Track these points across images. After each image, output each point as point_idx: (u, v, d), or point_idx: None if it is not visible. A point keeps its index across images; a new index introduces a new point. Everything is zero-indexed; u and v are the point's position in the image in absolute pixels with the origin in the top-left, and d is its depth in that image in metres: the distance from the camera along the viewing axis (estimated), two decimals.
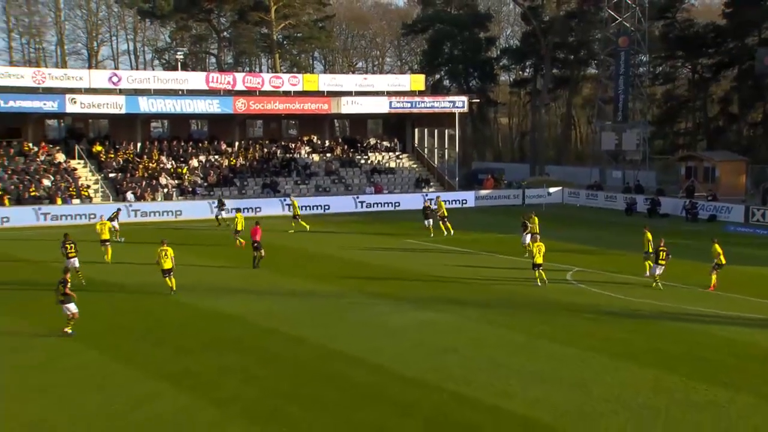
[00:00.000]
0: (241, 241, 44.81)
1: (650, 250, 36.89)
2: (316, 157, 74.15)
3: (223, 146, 72.05)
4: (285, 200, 61.86)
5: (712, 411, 20.56)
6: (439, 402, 21.28)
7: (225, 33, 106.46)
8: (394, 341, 27.23)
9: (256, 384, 22.84)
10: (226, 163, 69.97)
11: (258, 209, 62.76)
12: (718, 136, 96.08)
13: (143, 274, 38.10)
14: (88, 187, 62.82)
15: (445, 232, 49.64)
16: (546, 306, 32.23)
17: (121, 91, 65.90)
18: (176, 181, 65.96)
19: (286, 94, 71.51)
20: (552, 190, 74.03)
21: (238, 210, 49.37)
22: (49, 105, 62.96)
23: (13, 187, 59.85)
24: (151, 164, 66.94)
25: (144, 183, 64.41)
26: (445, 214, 50.92)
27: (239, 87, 69.97)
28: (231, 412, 20.55)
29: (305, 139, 76.48)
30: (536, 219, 44.80)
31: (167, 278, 34.09)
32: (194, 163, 68.87)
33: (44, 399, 21.43)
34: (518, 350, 26.11)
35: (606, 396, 21.59)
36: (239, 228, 45.75)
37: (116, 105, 64.95)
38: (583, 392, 21.93)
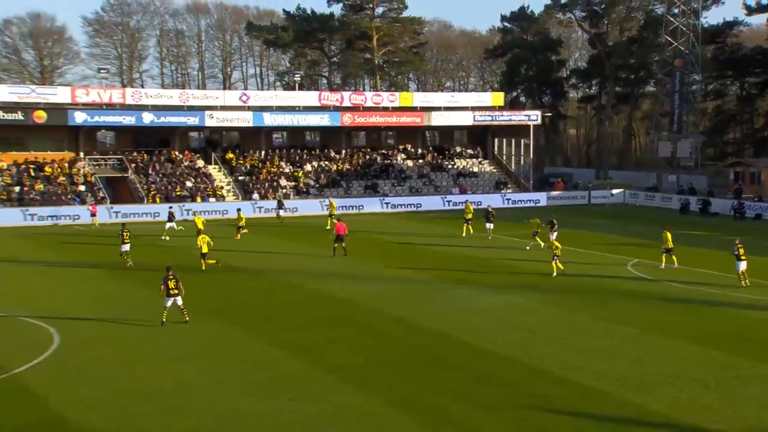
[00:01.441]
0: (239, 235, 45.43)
1: (670, 247, 36.02)
2: (410, 163, 73.97)
3: (332, 153, 72.44)
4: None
5: (759, 384, 19.77)
6: (516, 373, 20.89)
7: (335, 58, 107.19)
8: (476, 320, 26.88)
9: (361, 354, 22.79)
10: (335, 168, 70.32)
11: (361, 207, 63.16)
12: (763, 144, 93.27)
13: (261, 260, 38.55)
14: (222, 187, 63.90)
15: (464, 234, 46.82)
16: (608, 292, 31.45)
17: (249, 108, 66.83)
18: (293, 183, 66.58)
19: (385, 109, 71.58)
20: (614, 191, 72.39)
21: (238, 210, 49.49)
22: (192, 120, 64.34)
23: (162, 187, 61.33)
24: (272, 169, 67.74)
25: (267, 184, 65.21)
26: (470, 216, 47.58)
27: (346, 104, 70.33)
28: (339, 376, 20.52)
29: (401, 147, 76.34)
30: (538, 221, 43.48)
31: (204, 260, 35.51)
32: (308, 167, 69.40)
33: (181, 364, 21.73)
34: (583, 330, 25.50)
35: (661, 370, 20.90)
36: (242, 223, 46.34)
37: (245, 119, 66.01)
38: (640, 366, 21.30)
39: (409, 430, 17.04)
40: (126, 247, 37.08)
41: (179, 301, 25.48)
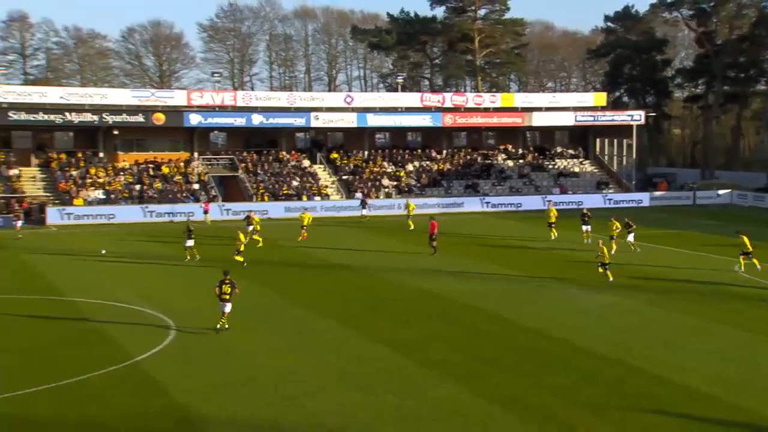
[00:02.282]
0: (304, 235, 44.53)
1: (749, 250, 34.68)
2: (510, 163, 73.23)
3: (434, 153, 72.41)
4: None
5: None
6: (619, 373, 20.45)
7: (436, 60, 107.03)
8: (577, 320, 26.46)
9: (463, 351, 22.73)
10: (436, 168, 70.28)
11: (461, 204, 63.03)
12: None
13: (366, 258, 38.89)
14: (326, 186, 64.78)
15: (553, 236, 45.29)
16: (717, 294, 30.44)
17: (353, 109, 67.43)
18: (395, 183, 66.88)
19: (486, 110, 71.04)
20: (721, 192, 69.85)
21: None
22: (298, 121, 65.44)
23: (270, 186, 62.65)
24: (375, 168, 68.22)
25: (370, 183, 65.73)
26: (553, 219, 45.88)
27: (447, 104, 70.11)
28: (439, 373, 20.53)
29: (501, 147, 75.64)
30: (617, 223, 40.92)
31: (239, 256, 35.75)
32: (410, 167, 69.58)
33: (291, 356, 22.14)
34: (692, 331, 24.76)
35: None
36: (305, 223, 45.13)
37: (349, 120, 66.69)
38: (752, 370, 20.57)
39: (512, 428, 16.91)
40: (190, 242, 38.22)
41: (227, 307, 24.24)
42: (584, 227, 43.78)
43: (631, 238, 40.19)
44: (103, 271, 35.70)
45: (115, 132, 61.55)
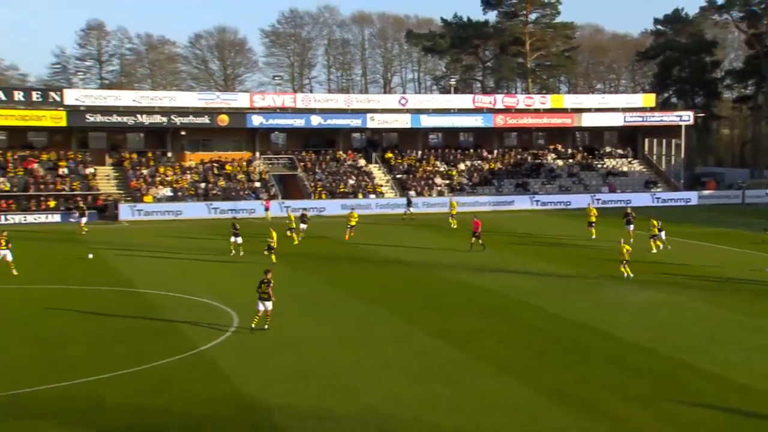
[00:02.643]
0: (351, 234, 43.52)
1: None
2: (560, 162, 72.41)
3: (485, 153, 71.99)
4: (533, 197, 60.16)
5: None
6: (667, 368, 20.07)
7: (488, 63, 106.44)
8: (623, 315, 26.07)
9: (513, 345, 22.57)
10: (487, 167, 69.86)
11: (511, 202, 62.69)
12: None
13: (418, 254, 38.81)
14: (381, 185, 64.88)
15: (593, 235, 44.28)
16: (765, 292, 29.56)
17: (407, 111, 67.47)
18: (447, 181, 66.68)
19: (537, 111, 70.42)
20: None
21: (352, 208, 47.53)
22: (355, 122, 65.72)
23: (328, 184, 63.00)
24: (428, 167, 68.10)
25: (423, 182, 65.65)
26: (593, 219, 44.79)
27: (499, 106, 69.70)
28: (490, 365, 20.42)
29: (551, 147, 74.85)
30: (655, 222, 39.85)
31: (272, 253, 35.37)
32: (461, 166, 69.29)
33: (350, 348, 22.20)
34: (738, 327, 24.20)
35: None
36: (353, 223, 43.84)
37: (404, 121, 66.76)
38: None
39: (561, 420, 16.71)
40: (239, 239, 38.39)
41: (269, 306, 23.49)
42: (628, 227, 42.45)
43: (663, 235, 39.44)
44: (170, 264, 36.31)
45: (183, 133, 62.59)
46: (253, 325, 23.37)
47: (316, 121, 64.18)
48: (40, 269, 34.57)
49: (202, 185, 60.12)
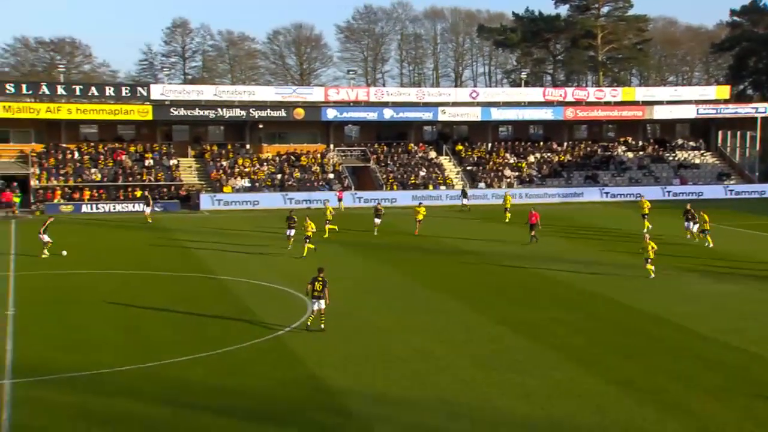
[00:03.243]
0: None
1: None
2: (630, 155, 70.77)
3: (554, 145, 70.89)
4: (603, 189, 58.72)
5: None
6: (741, 360, 19.50)
7: (559, 57, 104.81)
8: (694, 306, 25.43)
9: (582, 334, 22.28)
10: (556, 159, 68.83)
11: (580, 194, 61.75)
12: None
13: (485, 244, 38.53)
14: (451, 177, 64.62)
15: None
16: None
17: (478, 104, 66.94)
18: (516, 173, 65.98)
19: (607, 103, 69.01)
20: None
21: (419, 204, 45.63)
22: (426, 115, 65.57)
23: (399, 176, 63.08)
24: (498, 159, 67.49)
25: (492, 174, 65.13)
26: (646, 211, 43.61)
27: (569, 99, 68.56)
28: (559, 354, 20.20)
29: (621, 139, 73.23)
30: (706, 216, 38.30)
31: (308, 242, 34.47)
32: (531, 158, 68.42)
33: (421, 335, 22.20)
34: None
35: None
36: (420, 218, 42.53)
37: (474, 114, 66.25)
38: None
39: (627, 409, 16.41)
40: (291, 232, 37.06)
41: (322, 305, 22.12)
42: (686, 223, 40.24)
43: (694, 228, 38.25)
44: (247, 252, 36.84)
45: (260, 126, 63.50)
46: (309, 323, 22.38)
47: (388, 114, 64.26)
48: (127, 256, 35.59)
49: (279, 176, 60.92)
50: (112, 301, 26.21)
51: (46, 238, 34.60)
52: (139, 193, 55.98)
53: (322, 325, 22.15)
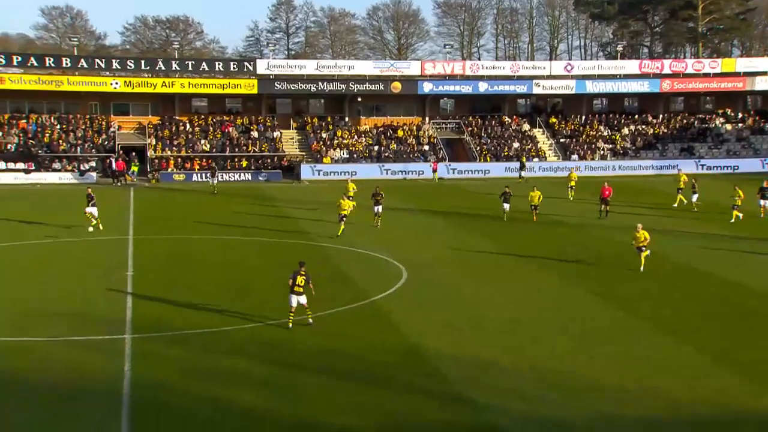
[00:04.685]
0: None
1: None
2: (728, 127, 67.52)
3: (650, 118, 68.37)
4: (699, 161, 56.15)
5: None
6: None
7: (657, 29, 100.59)
8: None
9: (671, 306, 21.58)
10: (651, 132, 66.39)
11: (675, 166, 59.39)
12: None
13: (578, 216, 37.65)
14: (544, 149, 63.34)
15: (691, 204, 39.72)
16: None
17: (572, 77, 65.25)
18: (610, 146, 64.08)
19: (706, 75, 65.95)
20: None
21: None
22: (521, 88, 64.43)
23: (492, 148, 62.29)
24: (591, 132, 65.68)
25: (586, 146, 63.47)
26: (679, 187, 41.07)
27: (666, 71, 66.01)
28: (651, 326, 19.68)
29: (720, 111, 69.89)
30: (740, 192, 35.76)
31: (342, 222, 31.74)
32: (625, 131, 66.26)
33: (512, 306, 21.82)
34: None
35: None
36: (535, 202, 36.76)
37: (568, 87, 64.66)
38: None
39: (722, 379, 15.85)
40: (379, 208, 34.57)
41: (304, 300, 19.23)
42: (761, 201, 37.48)
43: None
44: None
45: (359, 99, 63.81)
46: (290, 325, 19.19)
47: (483, 87, 63.42)
48: (233, 222, 36.40)
49: (375, 148, 61.17)
50: (220, 265, 26.99)
51: (90, 210, 33.00)
52: (245, 163, 57.38)
53: (310, 320, 19.45)
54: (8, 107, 59.54)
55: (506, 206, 36.31)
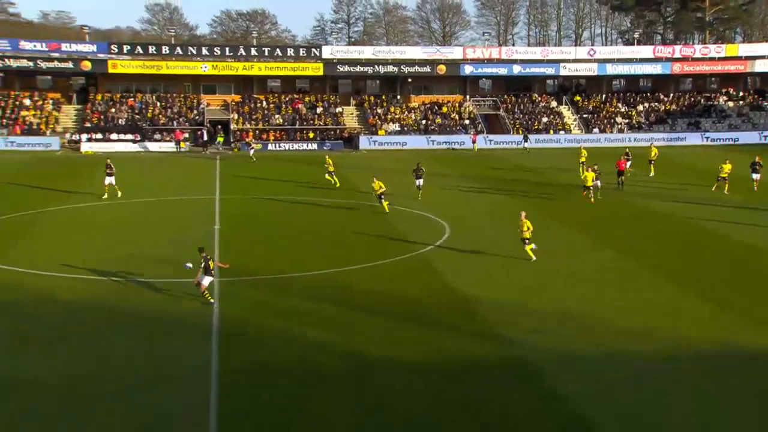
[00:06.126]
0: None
1: None
2: (731, 104, 64.59)
3: (661, 96, 65.78)
4: (704, 134, 53.85)
5: None
6: None
7: (669, 18, 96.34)
8: None
9: (684, 261, 20.82)
10: (662, 109, 63.93)
11: (683, 139, 57.39)
12: None
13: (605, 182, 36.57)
14: (570, 123, 61.56)
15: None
16: None
17: (595, 61, 62.98)
18: (626, 120, 61.96)
19: (712, 59, 63.01)
20: None
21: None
22: (549, 71, 62.48)
23: (524, 122, 60.82)
24: (610, 109, 63.57)
25: (605, 121, 61.49)
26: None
27: (676, 55, 63.28)
28: (662, 277, 18.91)
29: (723, 90, 66.82)
30: (726, 166, 32.86)
31: (382, 201, 27.97)
32: (640, 108, 63.95)
33: (547, 258, 20.94)
34: None
35: None
36: (589, 184, 32.00)
37: (591, 69, 62.52)
38: None
39: (725, 324, 15.21)
40: (420, 182, 31.41)
41: (206, 282, 16.69)
42: (754, 175, 33.89)
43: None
44: (395, 183, 35.84)
45: (409, 80, 62.75)
46: (212, 300, 16.70)
47: (516, 69, 61.70)
48: (302, 185, 35.99)
49: (423, 122, 60.28)
50: (278, 223, 26.63)
51: (107, 180, 30.76)
52: (312, 135, 57.16)
53: (211, 299, 16.69)
54: (119, 88, 60.29)
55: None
